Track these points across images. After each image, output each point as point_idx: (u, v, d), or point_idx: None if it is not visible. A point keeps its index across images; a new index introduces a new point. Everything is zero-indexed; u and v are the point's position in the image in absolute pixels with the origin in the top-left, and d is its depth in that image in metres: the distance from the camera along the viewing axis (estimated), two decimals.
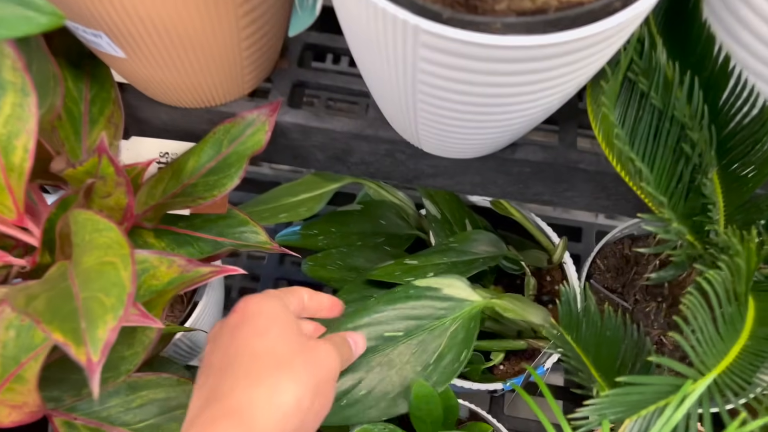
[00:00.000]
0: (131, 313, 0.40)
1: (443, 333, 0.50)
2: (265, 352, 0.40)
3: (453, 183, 0.62)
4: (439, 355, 0.49)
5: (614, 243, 0.77)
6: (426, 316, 0.51)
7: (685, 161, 0.50)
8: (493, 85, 0.39)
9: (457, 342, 0.50)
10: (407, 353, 0.49)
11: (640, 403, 0.41)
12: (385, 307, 0.51)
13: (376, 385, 0.48)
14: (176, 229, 0.60)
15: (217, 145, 0.57)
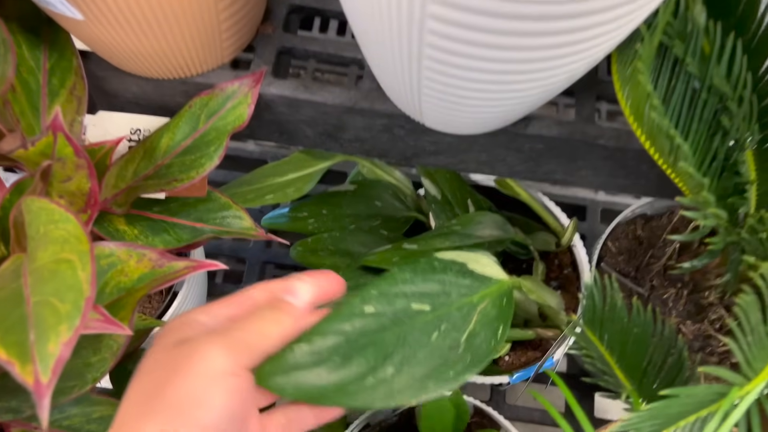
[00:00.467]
0: (92, 319, 0.34)
1: (472, 310, 0.44)
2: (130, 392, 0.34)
3: (456, 161, 0.57)
4: (470, 333, 0.43)
5: (626, 223, 0.72)
6: (452, 292, 0.44)
7: (721, 136, 0.44)
8: (514, 48, 0.33)
9: (490, 319, 0.44)
10: (434, 330, 0.42)
11: (679, 415, 0.36)
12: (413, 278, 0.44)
13: (404, 364, 0.41)
14: (150, 214, 0.54)
15: (194, 120, 0.51)
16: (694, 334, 0.61)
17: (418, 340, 0.42)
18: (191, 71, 0.50)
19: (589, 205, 0.90)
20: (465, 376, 0.41)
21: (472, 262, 0.46)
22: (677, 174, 0.44)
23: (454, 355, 0.42)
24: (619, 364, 0.44)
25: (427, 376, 0.41)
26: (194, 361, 0.32)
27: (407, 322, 0.42)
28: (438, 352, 0.42)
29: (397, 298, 0.43)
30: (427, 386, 0.41)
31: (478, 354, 0.42)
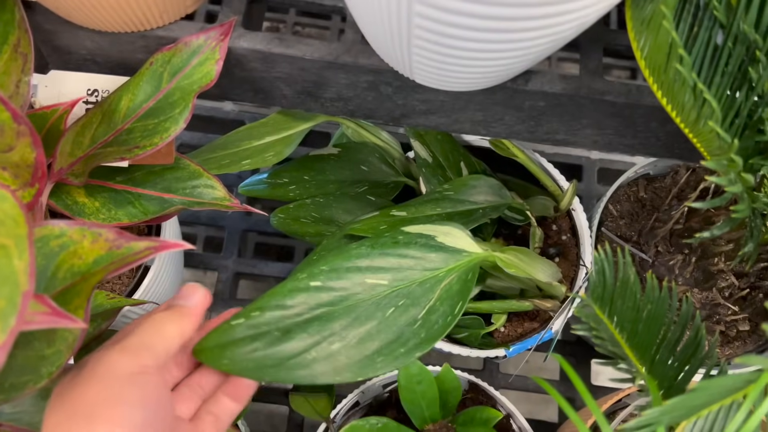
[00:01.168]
0: (36, 312, 0.30)
1: (435, 285, 0.42)
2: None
3: (450, 122, 0.52)
4: (429, 309, 0.41)
5: (627, 185, 0.67)
6: (416, 266, 0.42)
7: (746, 92, 0.40)
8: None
9: (452, 294, 0.42)
10: (390, 306, 0.40)
11: (702, 405, 0.32)
12: (368, 251, 0.42)
13: (353, 340, 0.38)
14: (113, 184, 0.49)
15: (156, 79, 0.45)
16: (702, 302, 0.58)
17: (371, 315, 0.40)
18: (150, 23, 0.45)
19: (585, 164, 0.86)
20: (416, 353, 0.39)
21: (442, 235, 0.43)
22: (697, 134, 0.40)
23: (409, 332, 0.39)
24: (630, 343, 0.40)
25: (378, 352, 0.38)
26: (100, 370, 0.33)
27: (360, 297, 0.40)
28: (393, 328, 0.39)
29: (349, 272, 0.40)
30: (375, 363, 0.38)
31: (433, 330, 0.40)
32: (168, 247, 0.35)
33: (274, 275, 0.81)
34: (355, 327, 0.39)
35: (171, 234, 0.60)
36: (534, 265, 0.54)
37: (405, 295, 0.41)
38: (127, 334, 0.35)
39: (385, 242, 0.43)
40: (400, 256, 0.42)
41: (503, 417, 0.61)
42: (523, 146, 0.63)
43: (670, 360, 0.41)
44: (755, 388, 0.32)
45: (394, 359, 0.39)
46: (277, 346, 0.38)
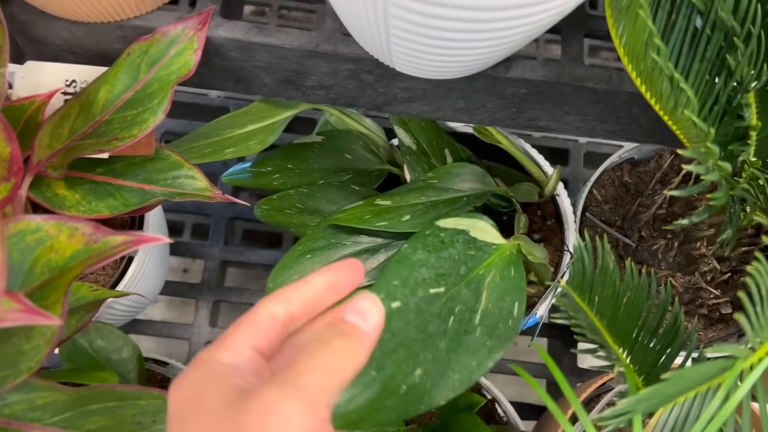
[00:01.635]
0: (10, 309, 0.29)
1: (480, 285, 0.40)
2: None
3: (432, 109, 0.52)
4: (483, 312, 0.39)
5: (612, 170, 0.67)
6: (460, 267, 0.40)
7: (725, 78, 0.40)
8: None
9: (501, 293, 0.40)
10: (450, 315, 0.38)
11: (678, 392, 0.33)
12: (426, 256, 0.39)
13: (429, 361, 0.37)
14: (93, 176, 0.49)
15: (134, 70, 0.45)
16: (684, 286, 0.58)
17: (438, 329, 0.38)
18: (126, 13, 0.44)
19: (572, 148, 0.86)
20: (488, 363, 0.37)
21: (473, 229, 0.41)
22: (676, 121, 0.40)
23: (473, 341, 0.37)
24: (609, 330, 0.41)
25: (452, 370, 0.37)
26: (268, 426, 0.25)
27: (426, 311, 0.38)
28: (457, 339, 0.37)
29: (418, 286, 0.38)
30: (453, 383, 0.37)
31: (497, 335, 0.38)
32: (145, 241, 0.35)
33: (261, 263, 0.81)
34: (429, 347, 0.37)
35: (154, 224, 0.60)
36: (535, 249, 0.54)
37: (458, 300, 0.39)
38: (293, 361, 0.27)
39: (435, 244, 0.40)
40: (450, 259, 0.40)
41: (488, 402, 0.62)
42: (507, 132, 0.63)
43: (650, 346, 0.42)
44: (730, 376, 0.32)
45: (470, 373, 0.37)
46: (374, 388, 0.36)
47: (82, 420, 0.41)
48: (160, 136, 0.84)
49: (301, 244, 0.55)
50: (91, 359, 0.54)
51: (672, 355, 0.42)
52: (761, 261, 0.31)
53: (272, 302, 0.29)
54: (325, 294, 0.30)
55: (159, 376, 0.62)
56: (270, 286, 0.55)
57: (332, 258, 0.55)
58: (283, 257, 0.56)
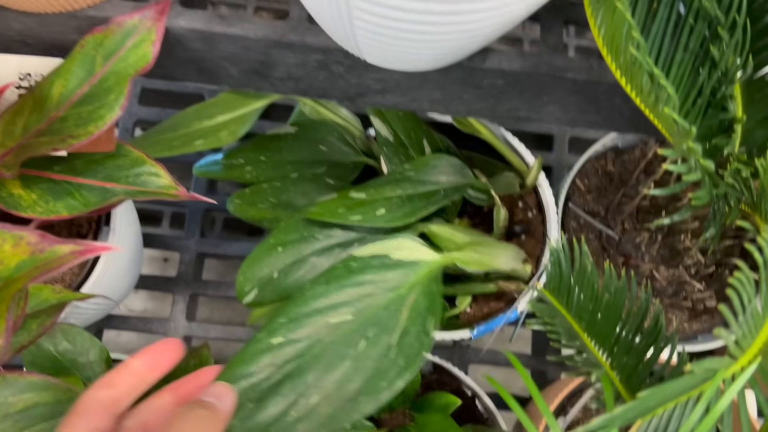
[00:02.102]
0: None
1: (401, 306, 0.40)
2: None
3: (407, 101, 0.50)
4: (402, 332, 0.39)
5: (596, 158, 0.66)
6: (377, 291, 0.40)
7: (709, 69, 0.38)
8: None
9: (420, 312, 0.40)
10: (361, 338, 0.38)
11: (657, 404, 0.31)
12: (325, 289, 0.40)
13: (331, 387, 0.37)
14: (51, 174, 0.47)
15: (89, 63, 0.43)
16: (668, 279, 0.57)
17: (343, 355, 0.38)
18: (79, 3, 0.42)
19: (556, 134, 0.84)
20: (398, 383, 0.37)
21: (395, 250, 0.41)
22: (657, 116, 0.38)
23: (386, 362, 0.37)
24: (589, 333, 0.39)
25: (359, 392, 0.37)
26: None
27: (327, 341, 0.38)
28: (369, 362, 0.38)
29: (310, 317, 0.38)
30: (359, 404, 0.36)
31: (411, 355, 0.38)
32: (94, 250, 0.33)
33: (240, 255, 0.79)
34: (329, 373, 0.37)
35: (122, 219, 0.58)
36: (494, 254, 0.52)
37: (374, 324, 0.39)
38: (170, 425, 0.31)
39: (340, 274, 0.41)
40: (358, 285, 0.40)
41: (468, 398, 0.61)
42: (487, 121, 0.61)
43: (631, 348, 0.40)
44: (711, 386, 0.31)
45: (378, 394, 0.37)
46: (254, 418, 0.36)
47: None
48: (132, 124, 0.81)
49: (272, 237, 0.54)
50: (56, 363, 0.52)
51: (654, 356, 0.41)
52: (743, 270, 0.29)
53: (95, 390, 0.33)
54: (146, 373, 0.35)
55: None
56: (240, 279, 0.53)
57: (305, 252, 0.53)
58: (254, 250, 0.54)
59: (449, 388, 0.61)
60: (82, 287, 0.57)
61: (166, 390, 0.36)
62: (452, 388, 0.61)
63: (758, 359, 0.31)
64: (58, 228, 0.58)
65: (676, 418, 0.32)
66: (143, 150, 0.49)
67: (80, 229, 0.58)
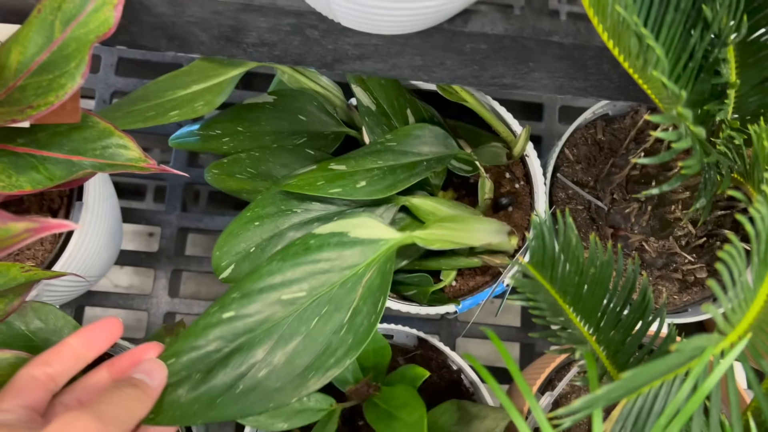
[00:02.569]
0: None
1: (357, 284, 0.40)
2: None
3: (387, 67, 0.47)
4: (353, 311, 0.39)
5: (585, 127, 0.64)
6: (333, 268, 0.40)
7: (701, 30, 0.36)
8: None
9: (373, 290, 0.40)
10: (314, 316, 0.38)
11: (643, 383, 0.30)
12: (280, 266, 0.39)
13: (280, 361, 0.36)
14: (13, 147, 0.45)
15: (47, 29, 0.40)
16: (658, 251, 0.56)
17: (294, 331, 0.38)
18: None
19: (546, 103, 0.82)
20: (346, 360, 0.38)
21: (355, 228, 0.40)
22: (646, 80, 0.36)
23: (336, 340, 0.37)
24: (574, 308, 0.38)
25: (308, 368, 0.37)
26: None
27: (279, 316, 0.38)
28: (319, 340, 0.38)
29: (262, 293, 0.38)
30: (306, 380, 0.37)
31: (360, 333, 0.38)
32: (49, 228, 0.31)
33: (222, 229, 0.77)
34: (279, 348, 0.38)
35: (95, 195, 0.56)
36: (469, 229, 0.50)
37: (327, 301, 0.39)
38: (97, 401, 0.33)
39: (296, 251, 0.40)
40: (313, 262, 0.40)
41: (453, 373, 0.60)
42: (474, 89, 0.59)
43: (617, 323, 0.39)
44: (699, 363, 0.30)
45: (325, 371, 0.38)
46: (200, 389, 0.37)
47: None
48: (110, 96, 0.78)
49: (249, 210, 0.52)
50: (28, 341, 0.51)
51: (642, 330, 0.39)
52: (734, 242, 0.28)
53: (31, 367, 0.34)
54: (83, 351, 0.36)
55: (106, 357, 0.58)
56: (216, 254, 0.52)
57: (282, 226, 0.52)
58: (230, 224, 0.52)
59: (435, 363, 0.60)
60: (54, 264, 0.55)
61: (102, 366, 0.37)
62: (438, 363, 0.60)
63: (748, 335, 0.29)
64: (29, 203, 0.56)
65: (663, 397, 0.31)
66: (115, 121, 0.47)
67: (51, 204, 0.56)
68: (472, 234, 0.47)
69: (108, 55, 0.79)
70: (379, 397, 0.48)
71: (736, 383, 0.31)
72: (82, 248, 0.57)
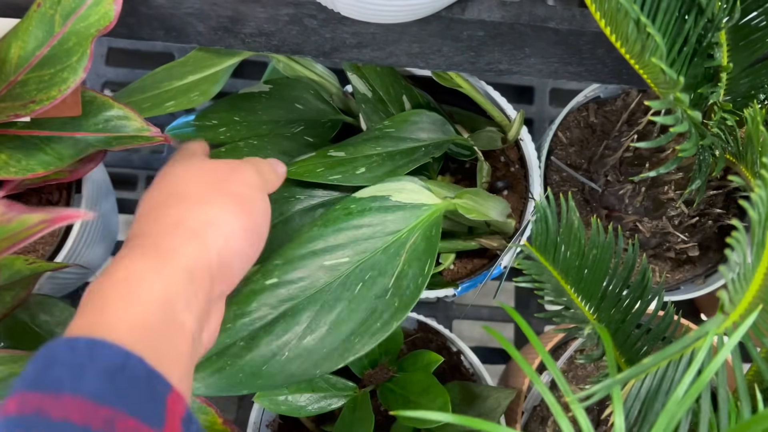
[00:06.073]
0: None
1: (400, 249, 0.40)
2: (183, 190, 0.36)
3: (384, 55, 0.48)
4: (398, 275, 0.39)
5: (578, 110, 0.65)
6: (376, 234, 0.40)
7: (695, 15, 0.37)
8: None
9: (418, 254, 0.40)
10: (358, 282, 0.38)
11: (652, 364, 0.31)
12: (322, 232, 0.40)
13: (324, 329, 0.37)
14: (17, 131, 0.44)
15: (47, 23, 0.40)
16: (652, 231, 0.57)
17: (338, 297, 0.38)
18: None
19: (537, 86, 0.83)
20: (393, 323, 0.37)
21: (396, 192, 0.40)
22: (643, 66, 0.37)
23: (381, 304, 0.37)
24: (576, 288, 0.39)
25: (353, 333, 0.36)
26: (238, 174, 0.37)
27: (322, 282, 0.38)
28: (364, 305, 0.37)
29: (305, 259, 0.38)
30: (353, 345, 0.36)
31: (406, 296, 0.38)
32: (66, 218, 0.32)
33: None
34: (323, 315, 0.37)
35: (93, 187, 0.56)
36: (488, 205, 0.51)
37: (370, 267, 0.39)
38: (249, 162, 0.40)
39: (338, 216, 0.40)
40: (356, 228, 0.40)
41: (453, 355, 0.61)
42: (468, 75, 0.59)
43: (617, 302, 0.40)
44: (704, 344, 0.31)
45: (372, 335, 0.38)
46: (245, 357, 0.37)
47: None
48: (101, 86, 0.78)
49: None
50: (34, 334, 0.51)
51: (641, 309, 0.40)
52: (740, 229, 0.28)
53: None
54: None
55: None
56: None
57: (287, 212, 0.52)
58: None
59: (435, 346, 0.61)
60: (55, 256, 0.55)
61: None
62: (438, 345, 0.61)
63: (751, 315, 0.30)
64: (27, 197, 0.56)
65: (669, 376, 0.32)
66: None
67: (50, 197, 0.57)
68: (491, 209, 0.48)
69: (98, 45, 0.78)
70: (396, 383, 0.48)
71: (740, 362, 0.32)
72: (82, 240, 0.57)
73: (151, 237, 0.32)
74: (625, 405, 0.32)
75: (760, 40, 0.42)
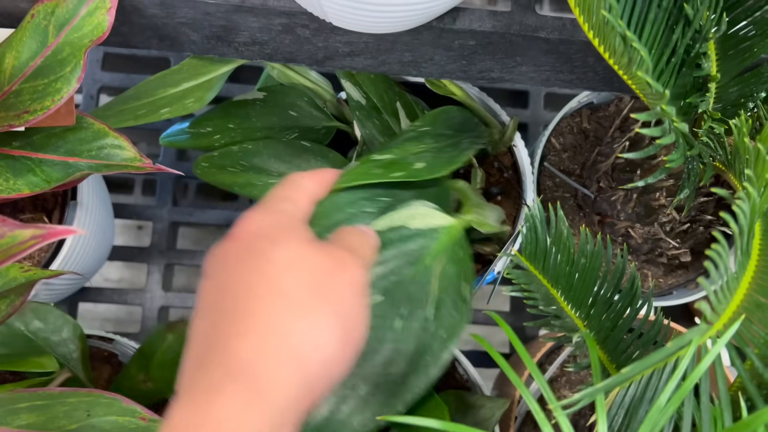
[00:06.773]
0: None
1: (429, 278, 0.38)
2: (276, 284, 0.30)
3: (377, 63, 0.48)
4: (437, 303, 0.37)
5: (571, 116, 0.65)
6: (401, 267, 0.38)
7: (683, 27, 0.37)
8: None
9: (451, 279, 0.38)
10: (396, 318, 0.37)
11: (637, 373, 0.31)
12: None
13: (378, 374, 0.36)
14: (9, 151, 0.45)
15: (41, 34, 0.40)
16: (644, 236, 0.57)
17: (381, 338, 0.36)
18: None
19: (531, 90, 0.83)
20: (444, 355, 0.36)
21: (411, 219, 0.39)
22: (631, 77, 0.37)
23: (427, 336, 0.36)
24: (566, 297, 0.39)
25: (406, 372, 0.35)
26: (345, 274, 0.32)
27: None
28: (409, 341, 0.36)
29: None
30: (409, 384, 0.35)
31: (451, 325, 0.36)
32: (57, 234, 0.32)
33: (214, 223, 0.78)
34: (371, 359, 0.35)
35: (89, 193, 0.57)
36: (489, 216, 0.51)
37: (405, 301, 0.37)
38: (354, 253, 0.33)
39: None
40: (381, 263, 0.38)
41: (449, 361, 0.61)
42: (461, 82, 0.60)
43: (607, 310, 0.40)
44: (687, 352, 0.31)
45: (426, 370, 0.36)
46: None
47: (11, 417, 0.38)
48: (97, 91, 0.78)
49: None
50: (28, 342, 0.51)
51: (630, 317, 0.41)
52: (721, 242, 0.29)
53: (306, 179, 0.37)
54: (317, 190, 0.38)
55: (105, 353, 0.59)
56: None
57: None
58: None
59: None
60: (51, 263, 0.55)
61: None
62: None
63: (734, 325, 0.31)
64: (23, 204, 0.56)
65: (653, 385, 0.32)
66: (107, 120, 0.48)
67: (45, 204, 0.57)
68: (492, 219, 0.48)
69: (94, 51, 0.78)
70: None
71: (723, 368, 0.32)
72: (77, 247, 0.57)
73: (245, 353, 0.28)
74: (610, 412, 0.33)
75: (748, 50, 0.42)
